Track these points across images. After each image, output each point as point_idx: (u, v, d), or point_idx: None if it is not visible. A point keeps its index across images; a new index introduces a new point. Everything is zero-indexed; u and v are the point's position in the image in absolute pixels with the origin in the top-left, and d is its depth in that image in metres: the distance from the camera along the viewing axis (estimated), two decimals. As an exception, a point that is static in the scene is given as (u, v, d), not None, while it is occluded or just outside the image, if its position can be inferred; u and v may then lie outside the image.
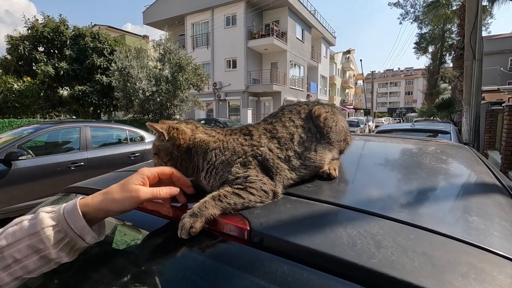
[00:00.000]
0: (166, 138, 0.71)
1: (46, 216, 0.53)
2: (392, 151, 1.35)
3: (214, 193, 0.63)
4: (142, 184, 0.60)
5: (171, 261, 0.61)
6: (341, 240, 0.51)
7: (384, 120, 35.88)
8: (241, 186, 0.64)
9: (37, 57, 10.61)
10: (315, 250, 0.49)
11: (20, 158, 3.88)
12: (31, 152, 4.30)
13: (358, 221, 0.58)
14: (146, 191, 0.59)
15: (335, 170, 0.83)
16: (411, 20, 24.52)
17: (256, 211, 0.63)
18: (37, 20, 10.97)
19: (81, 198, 0.57)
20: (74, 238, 0.53)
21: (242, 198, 0.63)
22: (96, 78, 11.06)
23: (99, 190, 0.87)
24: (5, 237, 0.50)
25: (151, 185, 0.62)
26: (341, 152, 0.90)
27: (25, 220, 0.53)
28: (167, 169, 0.66)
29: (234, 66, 20.64)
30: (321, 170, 0.81)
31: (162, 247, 0.65)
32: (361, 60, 27.40)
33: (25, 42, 10.53)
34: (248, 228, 0.56)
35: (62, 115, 15.17)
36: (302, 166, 0.76)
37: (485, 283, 0.40)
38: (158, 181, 0.65)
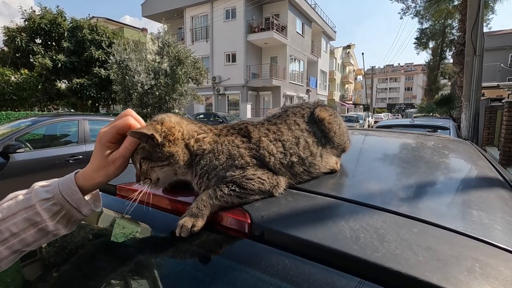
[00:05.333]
0: (159, 140, 0.60)
1: (41, 189, 0.53)
2: (394, 145, 1.34)
3: (210, 191, 0.61)
4: (114, 149, 0.58)
5: (170, 254, 0.61)
6: (343, 233, 0.50)
7: (384, 116, 35.88)
8: (237, 187, 0.61)
9: (35, 49, 10.49)
10: (317, 243, 0.48)
11: (18, 151, 3.86)
12: (29, 145, 4.28)
13: (361, 214, 0.57)
14: (120, 156, 0.57)
15: (337, 163, 0.82)
16: (412, 15, 24.36)
17: (257, 204, 0.62)
18: (34, 11, 10.81)
19: (76, 172, 0.58)
20: (71, 211, 0.54)
21: (239, 198, 0.61)
22: (94, 71, 10.95)
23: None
24: (0, 211, 0.50)
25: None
26: (343, 151, 0.88)
27: (20, 194, 0.53)
28: (122, 123, 0.58)
29: (234, 60, 20.51)
30: None
31: (161, 241, 0.65)
32: (363, 53, 27.15)
33: (22, 34, 10.39)
34: (249, 221, 0.55)
35: (60, 108, 15.08)
36: (305, 173, 0.73)
37: (491, 278, 0.39)
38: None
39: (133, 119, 0.59)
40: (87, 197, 0.58)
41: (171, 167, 0.63)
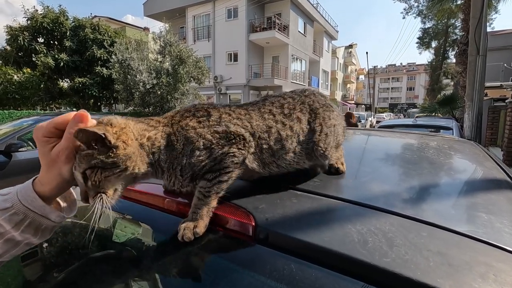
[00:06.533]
0: (113, 142, 0.52)
1: (0, 199, 0.50)
2: (399, 146, 1.32)
3: (197, 194, 0.59)
4: (54, 144, 0.52)
5: (173, 257, 0.59)
6: (351, 237, 0.48)
7: (385, 116, 35.74)
8: (213, 173, 0.59)
9: (37, 48, 10.52)
10: (324, 247, 0.47)
11: (20, 149, 3.86)
12: (31, 144, 4.28)
13: (368, 217, 0.55)
14: (63, 148, 0.51)
15: (342, 164, 0.80)
16: (414, 15, 24.24)
17: (261, 205, 0.60)
18: (37, 10, 10.85)
19: (35, 178, 0.54)
20: (37, 219, 0.50)
21: (223, 182, 0.60)
22: (96, 70, 10.98)
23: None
24: None
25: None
26: (337, 146, 0.80)
27: None
28: (61, 118, 0.52)
29: (235, 59, 20.48)
30: (329, 163, 0.78)
31: (164, 243, 0.63)
32: (367, 52, 26.92)
33: (24, 33, 10.43)
34: (253, 224, 0.54)
35: (63, 107, 15.12)
36: (273, 164, 0.69)
37: (506, 285, 0.38)
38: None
39: (80, 115, 0.51)
40: (62, 204, 0.55)
41: (128, 171, 0.54)
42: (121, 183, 0.55)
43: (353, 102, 45.93)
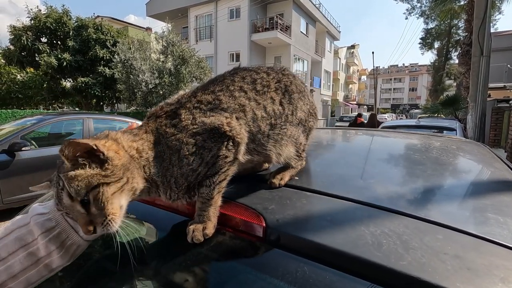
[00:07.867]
0: (106, 153, 0.49)
1: (39, 206, 0.51)
2: (407, 146, 1.31)
3: (199, 198, 0.58)
4: None
5: (182, 258, 0.58)
6: (364, 239, 0.47)
7: (387, 117, 35.63)
8: (213, 179, 0.57)
9: (40, 48, 10.55)
10: (337, 249, 0.46)
11: (24, 149, 3.87)
12: (34, 143, 4.29)
13: (381, 219, 0.54)
14: None
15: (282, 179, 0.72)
16: (417, 15, 24.15)
17: (271, 206, 0.59)
18: (40, 10, 10.90)
19: None
20: (67, 230, 0.49)
21: (222, 182, 0.58)
22: (99, 70, 11.00)
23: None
24: None
25: None
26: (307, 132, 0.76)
27: (19, 215, 0.52)
28: None
29: (238, 59, 20.47)
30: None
31: (173, 244, 0.62)
32: (373, 52, 26.60)
33: (28, 32, 10.46)
34: (264, 225, 0.53)
35: (65, 107, 15.18)
36: (254, 152, 0.66)
37: (528, 290, 0.37)
38: None
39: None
40: None
41: (129, 184, 0.50)
42: (125, 198, 0.51)
43: (355, 102, 45.83)
